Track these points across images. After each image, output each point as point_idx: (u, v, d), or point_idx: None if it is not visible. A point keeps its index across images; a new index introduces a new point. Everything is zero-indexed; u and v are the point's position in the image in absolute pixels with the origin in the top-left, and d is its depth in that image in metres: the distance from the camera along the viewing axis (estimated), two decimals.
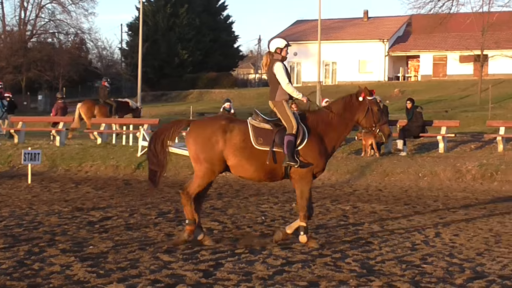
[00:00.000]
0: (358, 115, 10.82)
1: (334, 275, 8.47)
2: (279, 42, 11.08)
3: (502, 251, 10.12)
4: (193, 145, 10.50)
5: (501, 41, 60.68)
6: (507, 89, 53.74)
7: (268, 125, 10.63)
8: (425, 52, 72.37)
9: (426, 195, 17.10)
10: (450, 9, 41.34)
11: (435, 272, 8.71)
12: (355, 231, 11.77)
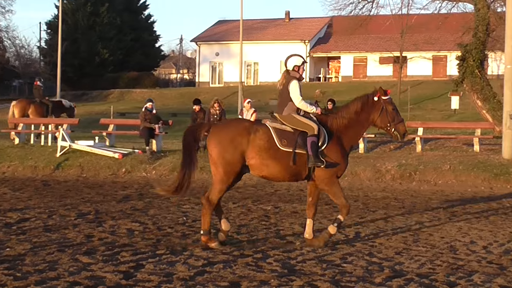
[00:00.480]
0: (374, 115, 11.03)
1: (256, 275, 8.47)
2: (297, 60, 11.13)
3: (420, 249, 10.29)
4: (216, 147, 10.55)
5: (420, 43, 61.73)
6: (426, 90, 54.79)
7: (289, 127, 10.70)
8: (345, 54, 73.21)
9: (347, 195, 17.12)
10: (370, 11, 41.73)
11: (355, 271, 8.80)
12: (277, 231, 11.80)
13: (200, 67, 76.27)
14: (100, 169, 21.59)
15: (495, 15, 33.99)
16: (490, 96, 28.00)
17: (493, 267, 9.09)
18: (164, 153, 23.03)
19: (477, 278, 8.44)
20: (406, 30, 58.02)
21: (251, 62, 73.05)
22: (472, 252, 10.10)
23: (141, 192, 17.42)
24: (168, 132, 26.58)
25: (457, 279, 8.42)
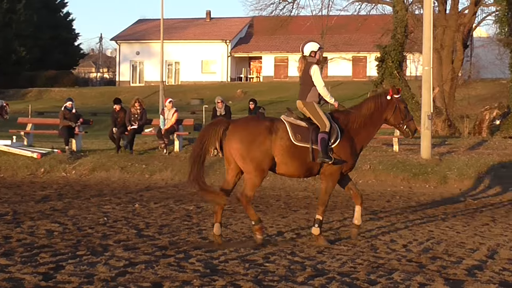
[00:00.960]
0: (387, 114, 11.31)
1: (178, 276, 8.41)
2: (313, 46, 11.36)
3: (342, 248, 10.38)
4: (239, 145, 10.66)
5: (340, 44, 62.45)
6: (346, 91, 55.37)
7: (304, 122, 10.93)
8: (267, 54, 73.53)
9: (269, 194, 17.33)
10: (291, 12, 42.05)
11: (278, 270, 8.81)
12: (199, 231, 11.75)
13: (120, 66, 75.57)
14: (18, 169, 21.16)
15: (413, 18, 34.62)
16: (409, 97, 28.49)
17: (413, 265, 9.23)
18: (84, 153, 22.72)
19: (397, 276, 8.54)
20: (326, 31, 58.50)
21: (172, 62, 72.71)
22: (392, 251, 10.24)
23: (60, 192, 17.13)
24: (88, 131, 26.25)
25: (377, 277, 8.51)
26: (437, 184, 18.59)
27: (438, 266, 9.20)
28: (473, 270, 8.96)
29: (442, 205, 15.58)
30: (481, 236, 11.59)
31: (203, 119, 32.75)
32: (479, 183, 18.47)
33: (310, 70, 11.11)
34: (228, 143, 10.78)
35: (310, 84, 11.10)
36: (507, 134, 26.13)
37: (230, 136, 10.77)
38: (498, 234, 11.83)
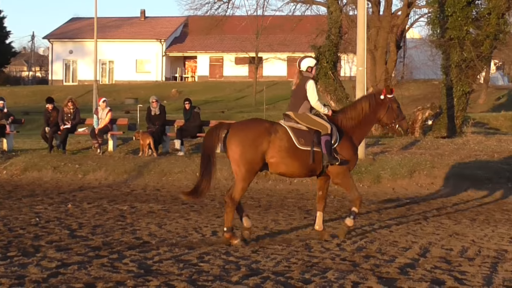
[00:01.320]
0: (380, 113, 11.71)
1: (111, 276, 8.31)
2: (310, 62, 11.61)
3: (276, 248, 10.39)
4: (238, 147, 10.79)
5: (275, 44, 62.64)
6: (280, 90, 55.59)
7: (304, 126, 11.14)
8: (202, 53, 73.42)
9: None
10: (226, 11, 41.98)
11: (212, 270, 8.78)
12: (133, 231, 11.65)
13: (53, 64, 74.56)
14: None
15: (347, 18, 34.91)
16: (343, 97, 28.73)
17: (346, 264, 9.29)
18: (16, 153, 22.35)
19: (331, 275, 8.59)
20: (261, 31, 58.77)
21: (106, 61, 72.08)
22: (326, 250, 10.29)
23: None
24: (20, 131, 25.83)
25: (312, 276, 8.55)
26: (370, 183, 18.76)
27: (371, 264, 9.28)
28: (405, 268, 9.06)
29: (376, 204, 15.73)
30: (413, 235, 11.74)
31: (137, 119, 32.51)
32: (412, 183, 18.70)
33: (306, 85, 11.30)
34: (228, 145, 10.92)
35: (303, 97, 11.31)
36: (439, 134, 26.55)
37: (230, 138, 10.92)
38: (430, 233, 12.00)
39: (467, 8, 25.83)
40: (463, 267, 9.23)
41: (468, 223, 13.17)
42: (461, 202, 16.28)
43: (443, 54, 27.90)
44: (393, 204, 15.82)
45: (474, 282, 8.42)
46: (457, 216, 14.12)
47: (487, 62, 29.81)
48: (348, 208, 12.22)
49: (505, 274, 8.89)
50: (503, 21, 26.23)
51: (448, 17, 26.28)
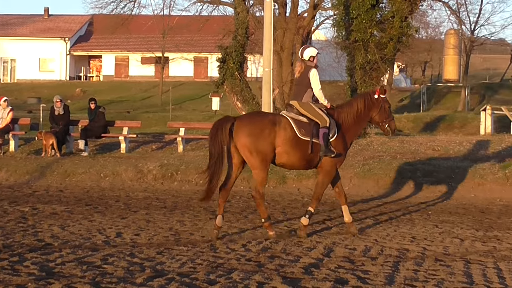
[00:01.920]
0: (373, 112, 12.14)
1: (12, 279, 8.10)
2: (312, 51, 11.99)
3: (181, 249, 10.33)
4: (247, 139, 11.20)
5: (181, 44, 62.55)
6: (187, 91, 55.52)
7: (304, 118, 11.59)
8: (107, 53, 72.58)
9: (108, 195, 17.04)
10: (132, 10, 41.68)
11: (116, 272, 8.66)
12: (35, 233, 11.38)
13: None
14: None
15: (254, 19, 35.10)
16: (250, 98, 28.79)
17: (252, 265, 9.30)
18: None
19: (236, 276, 8.58)
20: (168, 31, 58.50)
21: (7, 59, 70.53)
22: (232, 251, 10.28)
23: None
24: None
25: (217, 277, 8.52)
26: (276, 184, 18.86)
27: (276, 264, 9.32)
28: (310, 268, 9.13)
29: (281, 205, 15.82)
30: (318, 235, 11.84)
31: (40, 119, 31.89)
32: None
33: (309, 73, 11.76)
34: (236, 138, 11.26)
35: (307, 85, 11.78)
36: None
37: (237, 131, 11.27)
38: (334, 233, 12.12)
39: (371, 11, 26.24)
40: (366, 266, 9.35)
41: (371, 223, 13.37)
42: (364, 202, 16.52)
43: (348, 56, 28.28)
44: (298, 205, 15.93)
45: (377, 281, 8.54)
46: (360, 215, 14.32)
47: (390, 64, 30.36)
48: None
49: (406, 272, 9.05)
50: (406, 24, 26.76)
51: (353, 20, 26.64)
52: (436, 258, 10.04)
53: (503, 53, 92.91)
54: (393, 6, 26.52)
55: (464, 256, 10.25)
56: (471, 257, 10.17)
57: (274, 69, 27.57)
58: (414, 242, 11.29)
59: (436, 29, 74.42)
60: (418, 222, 13.65)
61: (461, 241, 11.52)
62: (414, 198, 17.36)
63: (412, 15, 28.21)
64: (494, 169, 18.98)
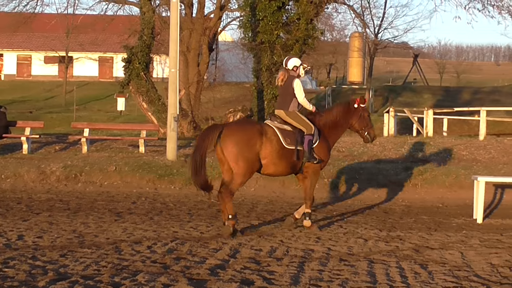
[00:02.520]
0: (353, 120, 12.93)
1: None
2: (296, 61, 12.66)
3: (85, 251, 10.15)
4: (234, 147, 11.68)
5: (86, 44, 61.62)
6: (92, 91, 54.82)
7: (288, 126, 12.22)
8: (8, 51, 71.06)
9: (9, 197, 16.64)
10: (35, 8, 40.79)
11: (17, 275, 8.45)
12: None
13: None
14: None
15: (160, 19, 34.92)
16: (155, 98, 28.64)
17: (157, 266, 9.22)
18: None
19: (141, 278, 8.49)
20: (72, 30, 57.58)
21: None
22: (137, 252, 10.17)
23: None
24: None
25: (121, 279, 8.41)
26: (182, 185, 18.78)
27: (182, 266, 9.26)
28: (216, 270, 9.11)
29: (187, 206, 15.76)
30: (224, 236, 11.83)
31: None
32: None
33: (293, 83, 12.35)
34: (224, 145, 11.74)
35: (292, 94, 12.36)
36: None
37: (225, 139, 11.75)
38: (238, 234, 12.12)
39: (277, 13, 26.46)
40: (272, 267, 9.39)
41: (277, 224, 13.43)
42: (269, 203, 16.60)
43: (254, 58, 28.46)
44: (204, 206, 15.90)
45: (282, 282, 8.58)
46: (266, 217, 14.38)
47: None
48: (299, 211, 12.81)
49: (311, 273, 9.12)
50: (312, 26, 27.10)
51: (259, 21, 26.82)
52: (341, 258, 10.16)
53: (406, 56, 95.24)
54: (299, 9, 26.81)
55: (368, 256, 10.41)
56: (374, 256, 10.34)
57: (180, 70, 27.43)
58: (319, 243, 11.40)
59: (341, 32, 75.50)
60: (323, 222, 13.79)
61: (365, 241, 11.70)
62: (319, 199, 17.55)
63: (318, 18, 28.57)
64: (397, 170, 19.37)
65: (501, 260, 10.25)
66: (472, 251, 10.93)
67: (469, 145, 23.62)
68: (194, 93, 36.11)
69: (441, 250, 10.97)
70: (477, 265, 9.89)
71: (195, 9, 37.64)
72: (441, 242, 11.77)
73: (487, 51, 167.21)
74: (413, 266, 9.74)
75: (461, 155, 22.14)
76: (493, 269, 9.66)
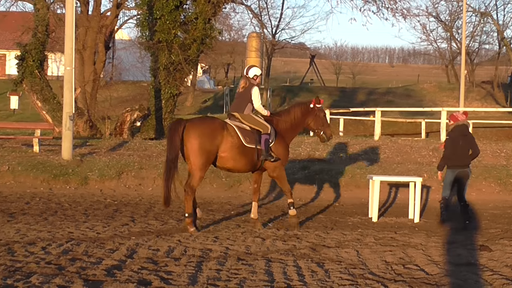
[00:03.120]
0: (309, 119, 13.57)
1: None
2: (257, 71, 13.31)
3: None
4: (196, 139, 12.19)
5: None
6: None
7: (247, 126, 12.81)
8: None
9: None
10: None
11: None
12: None
13: None
14: None
15: (55, 17, 34.30)
16: (50, 97, 28.09)
17: (52, 268, 9.02)
18: None
19: (36, 280, 8.29)
20: None
21: None
22: (31, 254, 9.92)
23: None
24: None
25: (14, 281, 8.20)
26: (78, 185, 18.48)
27: (77, 267, 9.09)
28: (112, 270, 8.98)
29: (83, 206, 15.50)
30: (121, 236, 11.69)
31: None
32: (120, 184, 18.70)
33: (251, 90, 12.98)
34: (187, 139, 12.23)
35: (248, 100, 12.97)
36: (147, 136, 26.81)
37: (188, 132, 12.24)
38: (137, 234, 12.02)
39: (175, 11, 26.33)
40: (170, 267, 9.33)
41: (174, 224, 13.37)
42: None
43: (152, 57, 28.25)
44: (100, 206, 15.68)
45: (180, 282, 8.53)
46: (164, 216, 14.29)
47: (194, 66, 30.59)
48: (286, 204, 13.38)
49: (209, 272, 9.10)
50: (210, 26, 27.09)
51: (156, 20, 26.64)
52: (239, 257, 10.18)
53: (303, 57, 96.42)
54: (196, 8, 26.76)
55: (266, 255, 10.47)
56: (272, 255, 10.41)
57: (76, 68, 27.03)
58: (217, 242, 11.40)
59: (239, 32, 75.85)
60: (221, 222, 13.81)
61: (262, 240, 11.76)
62: (217, 198, 17.56)
63: (216, 17, 28.58)
64: (294, 169, 19.56)
65: (395, 258, 10.48)
66: (368, 249, 11.14)
67: (365, 145, 24.06)
68: (90, 92, 35.62)
69: (337, 249, 11.14)
70: (372, 262, 10.08)
71: (91, 7, 37.16)
72: (337, 240, 11.95)
73: (382, 53, 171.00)
74: (310, 264, 9.84)
75: (357, 155, 22.53)
76: (388, 266, 9.87)
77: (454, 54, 74.00)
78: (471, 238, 12.71)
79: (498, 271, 9.66)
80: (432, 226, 14.20)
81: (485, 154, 22.92)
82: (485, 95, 66.19)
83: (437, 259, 10.53)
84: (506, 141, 30.15)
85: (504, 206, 17.57)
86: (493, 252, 11.12)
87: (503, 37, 58.13)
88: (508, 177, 19.76)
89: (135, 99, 54.99)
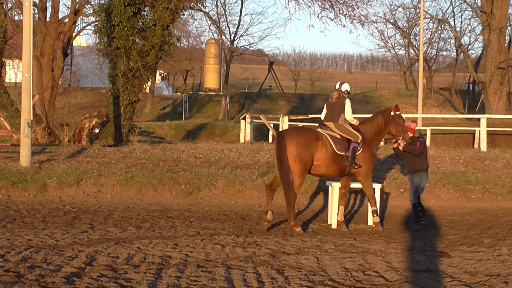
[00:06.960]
0: (391, 126, 14.65)
1: None
2: (348, 87, 14.50)
3: None
4: (295, 148, 13.44)
5: None
6: None
7: (338, 134, 13.95)
8: None
9: None
10: None
11: None
12: None
13: None
14: None
15: (13, 23, 33.96)
16: (8, 103, 27.84)
17: (11, 275, 8.97)
18: None
19: None
20: None
21: None
22: None
23: None
24: None
25: None
26: (36, 192, 18.35)
27: (36, 275, 9.06)
28: (71, 278, 8.96)
29: (42, 214, 15.39)
30: (80, 244, 11.64)
31: None
32: (79, 191, 18.59)
33: (345, 101, 14.17)
34: (288, 148, 13.42)
35: (341, 110, 14.11)
36: (106, 143, 26.68)
37: (288, 142, 13.47)
38: (96, 241, 11.97)
39: (133, 18, 26.26)
40: (129, 274, 9.32)
41: (134, 231, 13.34)
42: (127, 210, 16.46)
43: (110, 63, 28.11)
44: (59, 213, 15.58)
45: None
46: (123, 223, 14.25)
47: (152, 72, 30.53)
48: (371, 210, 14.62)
49: (169, 279, 9.12)
50: (168, 32, 27.04)
51: (115, 27, 26.52)
52: (198, 264, 10.21)
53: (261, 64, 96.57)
54: (155, 15, 26.71)
55: (225, 261, 10.50)
56: (232, 262, 10.44)
57: (34, 74, 26.83)
58: (177, 249, 11.40)
59: (197, 39, 75.95)
60: (181, 229, 13.80)
61: (222, 247, 11.79)
62: (177, 205, 17.55)
63: (174, 24, 28.53)
64: (253, 176, 19.62)
65: (355, 264, 10.58)
66: (327, 256, 11.22)
67: None
68: (48, 99, 35.33)
69: (297, 255, 11.20)
70: (332, 269, 10.17)
71: (49, 13, 36.87)
72: (297, 247, 12.01)
73: (340, 60, 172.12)
74: (269, 271, 9.90)
75: None
76: (347, 273, 9.96)
77: (412, 61, 74.73)
78: (430, 244, 12.87)
79: (457, 277, 9.81)
80: (392, 233, 14.36)
81: (444, 160, 23.23)
82: (443, 102, 66.93)
83: (396, 265, 10.65)
84: (464, 147, 30.56)
85: (463, 212, 17.79)
86: (452, 258, 11.27)
87: (461, 44, 58.76)
88: (467, 184, 20.01)
89: (93, 106, 54.63)
